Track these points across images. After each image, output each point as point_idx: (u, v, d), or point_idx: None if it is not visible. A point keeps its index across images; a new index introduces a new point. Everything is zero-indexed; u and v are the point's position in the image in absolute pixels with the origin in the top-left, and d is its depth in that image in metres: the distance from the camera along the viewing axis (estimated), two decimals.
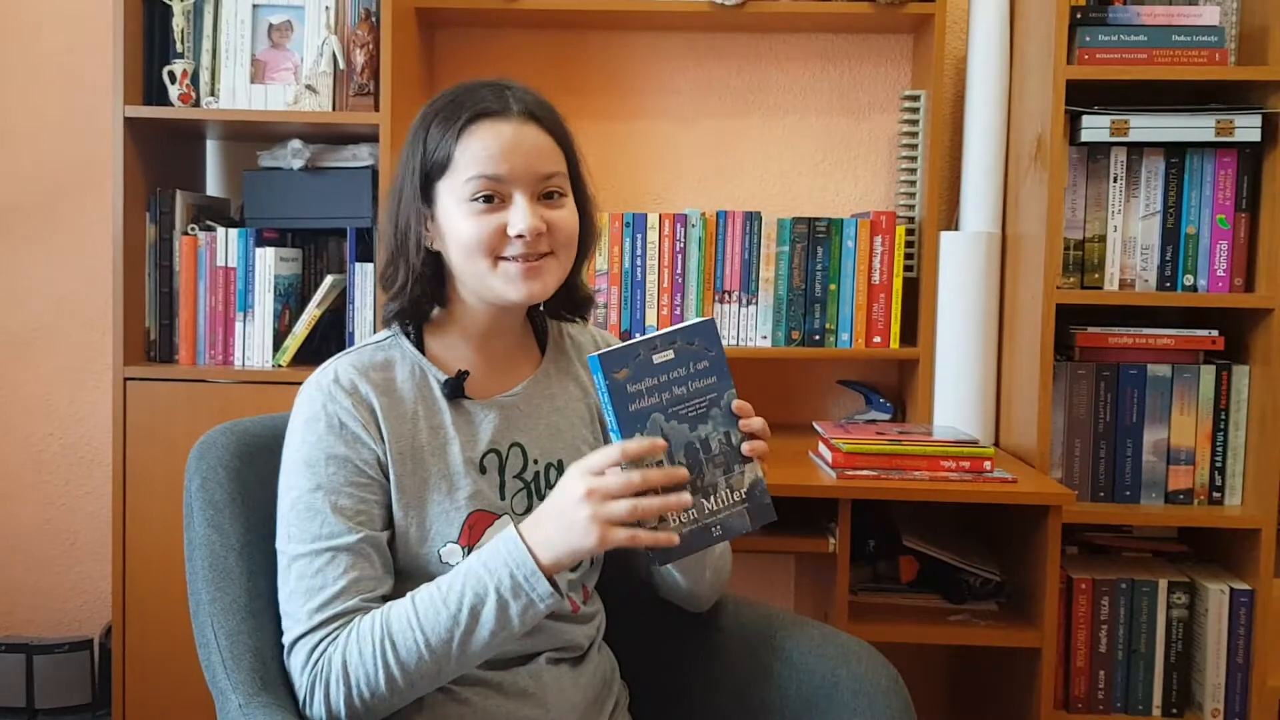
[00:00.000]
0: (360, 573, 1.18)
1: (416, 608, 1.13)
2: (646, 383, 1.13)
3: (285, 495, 1.22)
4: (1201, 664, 2.04)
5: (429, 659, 1.12)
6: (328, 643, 1.15)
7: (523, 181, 1.23)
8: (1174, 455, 2.07)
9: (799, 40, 2.44)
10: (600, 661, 1.39)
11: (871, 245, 2.22)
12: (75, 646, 2.37)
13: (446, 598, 1.12)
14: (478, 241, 1.21)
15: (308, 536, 1.18)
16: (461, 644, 1.12)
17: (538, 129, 1.25)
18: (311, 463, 1.20)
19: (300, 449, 1.22)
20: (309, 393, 1.24)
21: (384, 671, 1.12)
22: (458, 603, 1.11)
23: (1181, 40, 2.01)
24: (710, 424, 1.16)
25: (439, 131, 1.23)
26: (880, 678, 1.37)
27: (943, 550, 2.03)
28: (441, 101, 1.27)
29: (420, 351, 1.30)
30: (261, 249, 2.14)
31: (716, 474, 1.16)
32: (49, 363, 2.49)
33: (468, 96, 1.25)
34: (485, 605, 1.11)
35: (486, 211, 1.21)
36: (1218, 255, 2.05)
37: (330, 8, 2.13)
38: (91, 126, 2.43)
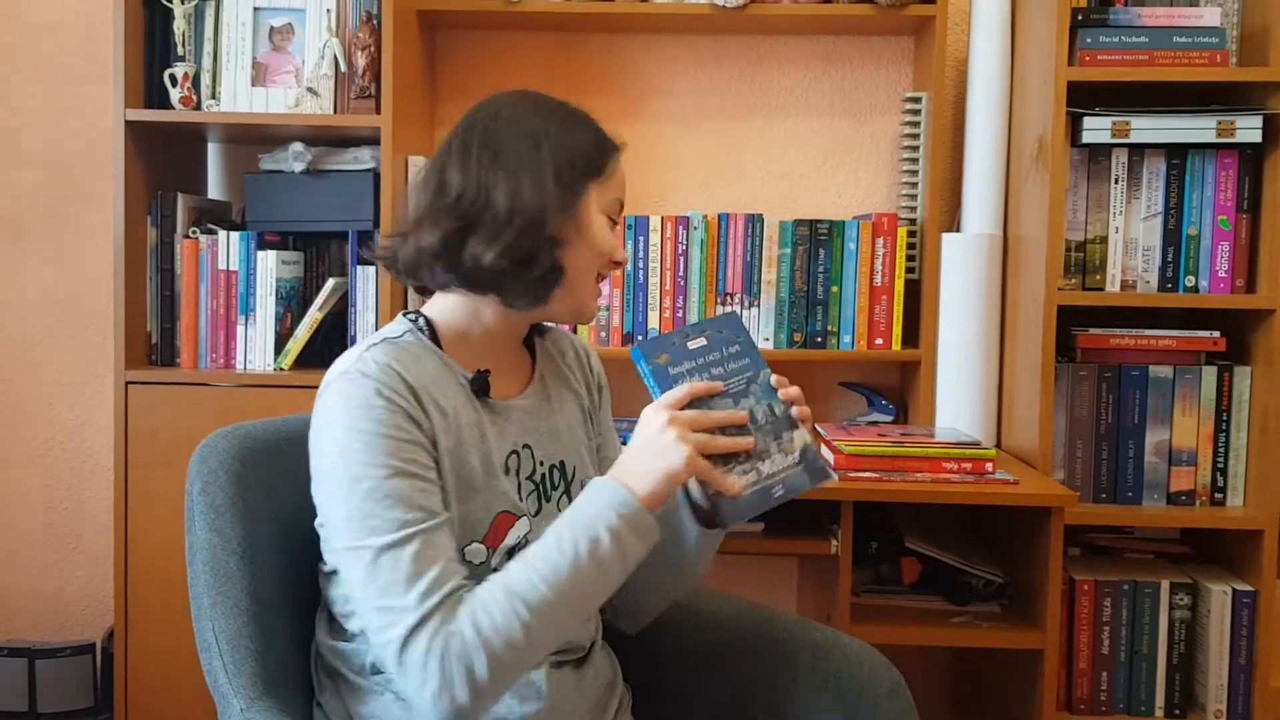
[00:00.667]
0: (453, 552, 1.15)
1: (533, 566, 1.11)
2: (686, 365, 1.23)
3: (354, 488, 1.13)
4: (1204, 665, 2.04)
5: (559, 611, 1.11)
6: (448, 623, 1.09)
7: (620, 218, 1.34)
8: (1176, 456, 2.07)
9: (800, 42, 2.44)
10: (603, 663, 1.39)
11: (873, 247, 2.22)
12: (77, 650, 2.36)
13: (561, 550, 1.12)
14: (603, 250, 1.27)
15: (394, 525, 1.12)
16: (590, 589, 1.13)
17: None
18: (378, 449, 1.14)
19: (360, 437, 1.14)
20: (354, 382, 1.17)
21: (521, 631, 1.09)
22: (574, 552, 1.11)
23: (1182, 41, 2.01)
24: (752, 398, 1.23)
25: (598, 140, 1.28)
26: (883, 680, 1.37)
27: (945, 552, 2.03)
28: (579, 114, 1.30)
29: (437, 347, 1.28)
30: (263, 252, 2.14)
31: (768, 441, 1.21)
32: (50, 366, 2.49)
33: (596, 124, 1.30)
34: (601, 548, 1.11)
35: (610, 229, 1.29)
36: (1219, 256, 2.05)
37: (331, 10, 2.13)
38: (93, 130, 2.43)
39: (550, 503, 1.32)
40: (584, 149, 1.25)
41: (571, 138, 1.25)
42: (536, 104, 1.28)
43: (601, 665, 1.38)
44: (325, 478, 1.17)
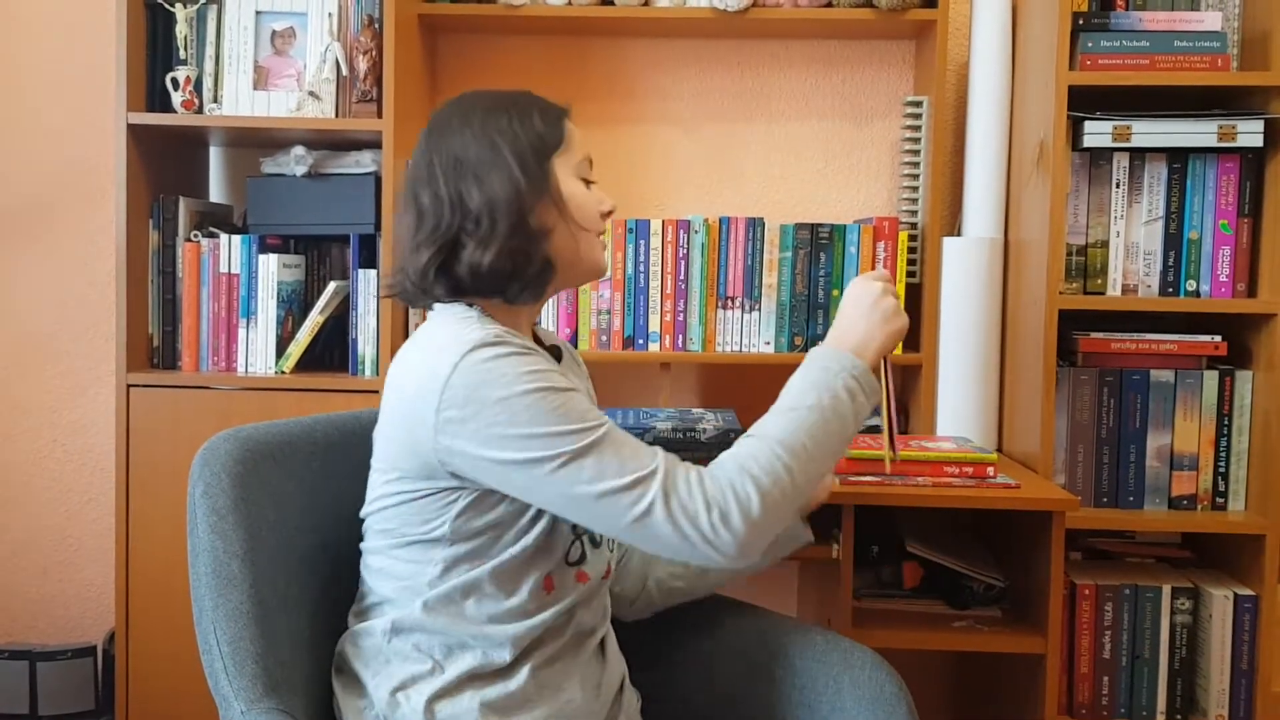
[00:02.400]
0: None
1: (780, 423, 1.22)
2: None
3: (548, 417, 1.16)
4: (1206, 670, 2.03)
5: (815, 456, 1.21)
6: (696, 468, 1.19)
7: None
8: (1177, 461, 2.07)
9: (801, 46, 2.44)
10: (618, 664, 1.42)
11: (874, 251, 2.22)
12: (79, 653, 2.36)
13: (807, 404, 1.23)
14: (591, 211, 1.33)
15: (599, 420, 1.19)
16: (835, 441, 1.23)
17: None
18: (549, 380, 1.18)
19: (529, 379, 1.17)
20: (485, 350, 1.18)
21: (784, 470, 1.18)
22: (818, 405, 1.22)
23: (1184, 46, 2.01)
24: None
25: (548, 116, 1.32)
26: (884, 684, 1.37)
27: (946, 556, 2.03)
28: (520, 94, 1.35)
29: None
30: (264, 255, 2.14)
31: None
32: (52, 369, 2.49)
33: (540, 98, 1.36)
34: (842, 403, 1.23)
35: (588, 189, 1.35)
36: (1220, 261, 2.05)
37: (333, 14, 2.14)
38: (94, 133, 2.43)
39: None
40: (537, 130, 1.30)
41: (523, 124, 1.29)
42: (478, 105, 1.33)
43: (615, 663, 1.41)
44: (505, 427, 1.16)
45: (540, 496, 1.19)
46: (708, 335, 2.23)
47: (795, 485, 1.19)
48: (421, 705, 1.24)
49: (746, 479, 1.17)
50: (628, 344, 2.24)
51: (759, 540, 1.17)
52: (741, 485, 1.16)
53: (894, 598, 2.05)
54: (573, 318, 2.23)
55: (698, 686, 1.49)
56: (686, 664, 1.52)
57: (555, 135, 1.31)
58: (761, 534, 1.17)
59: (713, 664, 1.49)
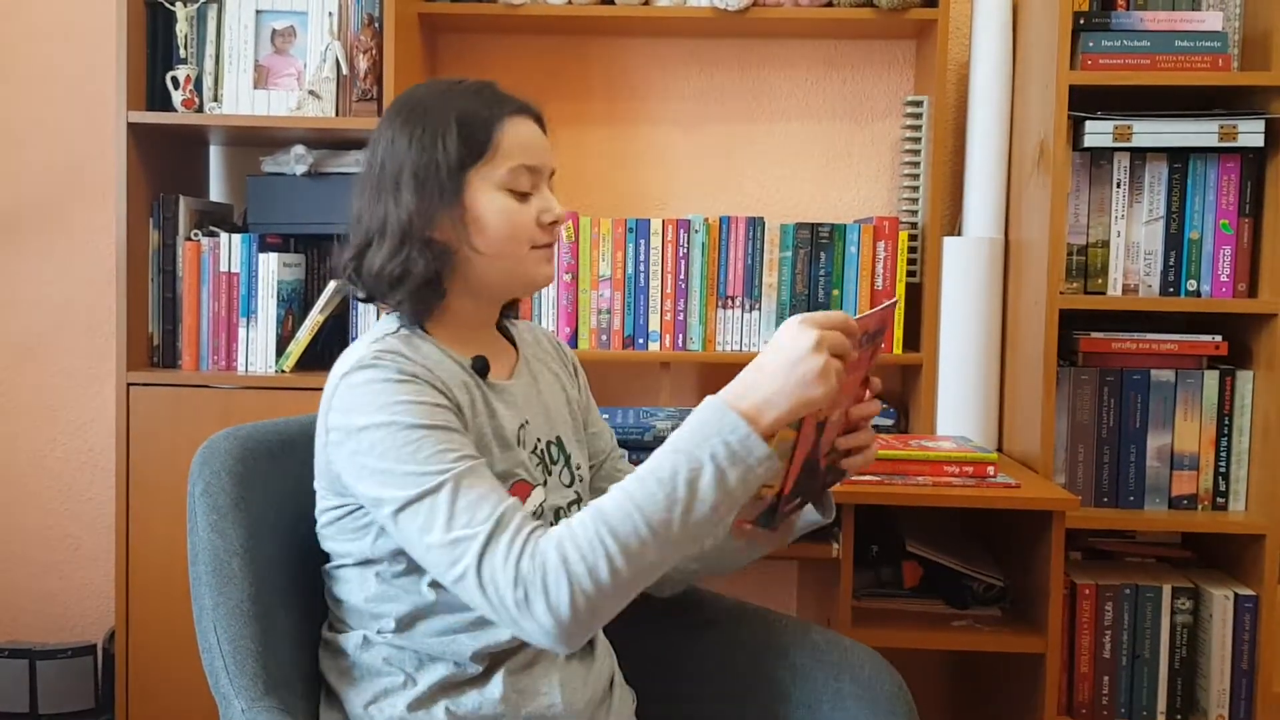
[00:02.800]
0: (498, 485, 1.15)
1: (629, 492, 1.08)
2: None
3: (400, 451, 1.13)
4: (1206, 670, 2.03)
5: (651, 541, 1.06)
6: (531, 538, 1.08)
7: (546, 175, 1.31)
8: (1178, 461, 2.07)
9: (802, 46, 2.44)
10: (606, 660, 1.40)
11: (874, 251, 2.22)
12: (78, 652, 2.36)
13: (659, 478, 1.07)
14: (519, 228, 1.26)
15: (445, 466, 1.12)
16: (682, 520, 1.06)
17: (543, 129, 1.34)
18: (415, 413, 1.15)
19: (395, 409, 1.15)
20: (372, 369, 1.18)
21: (606, 561, 1.06)
22: (672, 479, 1.06)
23: (1185, 46, 2.01)
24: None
25: (473, 123, 1.25)
26: (884, 684, 1.37)
27: (946, 555, 2.03)
28: (452, 96, 1.28)
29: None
30: (264, 255, 2.14)
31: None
32: (52, 368, 2.49)
33: (493, 95, 1.29)
34: (703, 477, 1.06)
35: (522, 201, 1.27)
36: (1221, 260, 2.05)
37: (334, 13, 2.13)
38: (94, 132, 2.43)
39: (554, 475, 1.35)
40: (449, 142, 1.24)
41: (433, 136, 1.25)
42: (405, 107, 1.29)
43: (603, 660, 1.39)
44: (363, 457, 1.16)
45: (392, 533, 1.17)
46: (708, 335, 2.23)
47: (619, 583, 1.07)
48: (395, 718, 1.23)
49: (561, 571, 1.06)
50: (628, 343, 2.24)
51: (578, 631, 1.08)
52: (555, 576, 1.06)
53: (894, 597, 2.05)
54: (573, 317, 2.23)
55: (696, 686, 1.49)
56: (685, 664, 1.51)
57: (475, 147, 1.24)
58: (579, 628, 1.07)
59: (711, 664, 1.48)
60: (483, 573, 1.08)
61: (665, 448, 1.10)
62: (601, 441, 1.51)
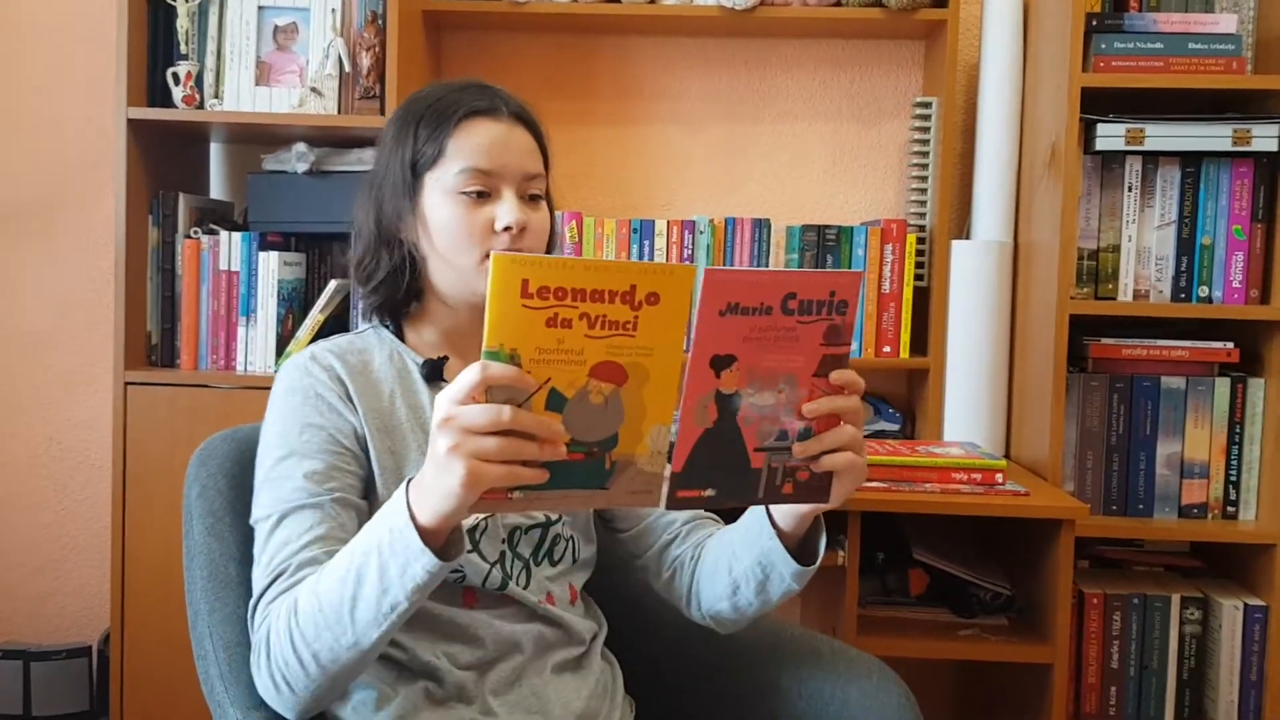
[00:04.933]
0: (326, 529, 1.14)
1: (323, 570, 1.06)
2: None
3: (259, 469, 1.21)
4: (1215, 681, 2.01)
5: (324, 627, 1.04)
6: (282, 600, 1.10)
7: (511, 179, 1.25)
8: (1188, 469, 2.05)
9: (809, 46, 2.41)
10: (603, 671, 1.36)
11: (882, 253, 2.19)
12: (73, 653, 2.34)
13: (344, 558, 1.04)
14: (466, 234, 1.23)
15: (277, 501, 1.16)
16: (351, 610, 1.02)
17: (525, 131, 1.29)
18: (285, 434, 1.20)
19: (275, 423, 1.21)
20: (285, 371, 1.25)
21: (289, 642, 1.06)
22: (348, 563, 1.03)
23: (1198, 48, 1.99)
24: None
25: (430, 125, 1.25)
26: (891, 694, 1.35)
27: (952, 563, 2.01)
28: (429, 98, 1.28)
29: (400, 341, 1.32)
30: (265, 253, 2.12)
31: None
32: (50, 366, 2.47)
33: (458, 95, 1.27)
34: (369, 565, 1.00)
35: (474, 205, 1.23)
36: (1233, 266, 2.03)
37: (336, 10, 2.11)
38: (94, 128, 2.41)
39: None
40: (421, 144, 1.25)
41: (401, 138, 1.27)
42: (398, 115, 1.30)
43: (601, 673, 1.35)
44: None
45: None
46: None
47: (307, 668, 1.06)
48: None
49: (264, 659, 1.09)
50: None
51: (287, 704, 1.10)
52: (260, 663, 1.10)
53: (900, 605, 2.03)
54: None
55: (698, 695, 1.47)
56: (688, 673, 1.49)
57: (433, 152, 1.24)
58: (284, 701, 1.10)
59: (715, 673, 1.46)
60: (252, 621, 1.13)
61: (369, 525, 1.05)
62: None
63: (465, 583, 1.23)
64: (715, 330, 1.00)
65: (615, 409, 0.96)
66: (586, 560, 1.37)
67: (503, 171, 1.24)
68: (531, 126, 1.30)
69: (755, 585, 1.23)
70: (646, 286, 0.93)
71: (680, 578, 1.35)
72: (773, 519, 1.19)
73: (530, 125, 1.30)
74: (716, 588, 1.28)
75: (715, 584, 1.28)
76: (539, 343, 0.91)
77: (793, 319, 1.02)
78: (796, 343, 1.04)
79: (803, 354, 1.04)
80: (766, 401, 1.06)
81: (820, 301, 1.03)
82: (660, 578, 1.38)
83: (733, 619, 1.30)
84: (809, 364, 1.05)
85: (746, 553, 1.22)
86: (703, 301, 0.98)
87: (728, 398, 1.04)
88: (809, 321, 1.03)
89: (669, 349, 0.96)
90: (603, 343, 0.93)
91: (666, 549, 1.37)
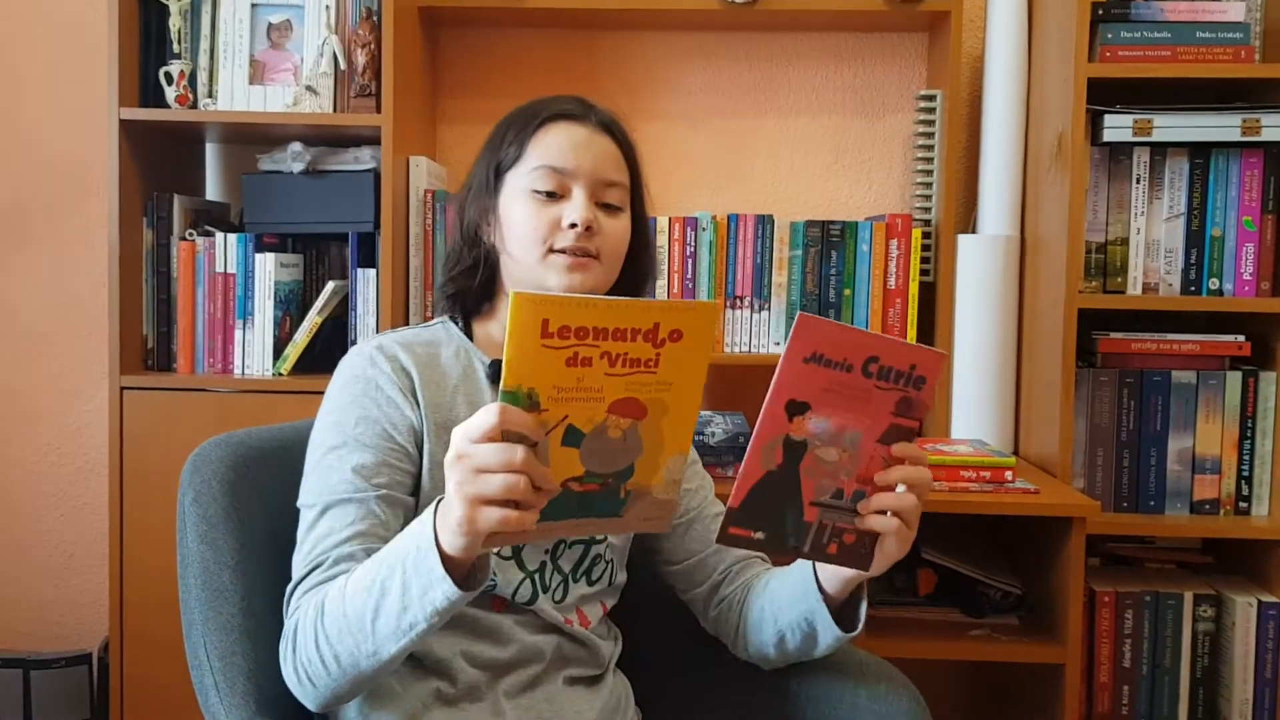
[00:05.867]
0: (367, 526, 1.14)
1: (354, 573, 1.06)
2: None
3: (310, 454, 1.21)
4: (1229, 679, 1.98)
5: (347, 632, 1.04)
6: (316, 591, 1.10)
7: (585, 180, 1.27)
8: (1199, 464, 2.02)
9: (812, 39, 2.39)
10: (615, 685, 1.37)
11: (887, 249, 2.17)
12: (73, 661, 2.32)
13: (373, 566, 1.04)
14: (534, 228, 1.25)
15: (324, 490, 1.16)
16: (373, 620, 1.02)
17: (610, 140, 1.31)
18: (341, 423, 1.20)
19: (332, 411, 1.21)
20: (350, 359, 1.25)
21: (314, 639, 1.07)
22: (375, 572, 1.02)
23: (1206, 37, 1.96)
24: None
25: (517, 128, 1.30)
26: (901, 699, 1.33)
27: (961, 563, 1.98)
28: (525, 105, 1.33)
29: (468, 338, 1.33)
30: (261, 255, 2.09)
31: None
32: (44, 371, 2.44)
33: (550, 101, 1.32)
34: (393, 579, 1.00)
35: (546, 203, 1.26)
36: (1244, 258, 2.00)
37: (331, 7, 2.09)
38: (86, 129, 2.38)
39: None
40: (507, 145, 1.29)
41: (494, 140, 1.32)
42: (497, 125, 1.34)
43: (614, 687, 1.36)
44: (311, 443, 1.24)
45: None
46: (716, 335, 2.18)
47: (330, 670, 1.06)
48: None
49: (289, 653, 1.11)
50: None
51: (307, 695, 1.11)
52: (286, 655, 1.12)
53: (908, 605, 2.01)
54: None
55: (707, 703, 1.45)
56: (693, 677, 1.48)
57: (516, 152, 1.28)
58: (305, 692, 1.11)
59: (721, 679, 1.44)
60: (286, 607, 1.15)
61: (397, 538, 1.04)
62: (693, 500, 1.42)
63: (495, 591, 1.23)
64: (797, 376, 1.03)
65: (634, 442, 0.96)
66: (619, 586, 1.38)
67: (576, 172, 1.26)
68: (619, 138, 1.33)
69: (801, 638, 1.26)
70: (670, 324, 0.92)
71: (728, 617, 1.36)
72: (819, 580, 1.21)
73: (617, 136, 1.32)
74: (763, 635, 1.30)
75: (762, 632, 1.30)
76: (557, 381, 0.90)
77: (871, 382, 1.04)
78: (869, 405, 1.05)
79: (873, 418, 1.06)
80: (830, 457, 1.08)
81: (900, 372, 1.05)
82: (708, 615, 1.39)
83: (779, 662, 1.34)
84: (876, 429, 1.07)
85: (792, 609, 1.25)
86: (790, 345, 1.02)
87: (796, 444, 1.06)
88: (885, 388, 1.05)
89: (689, 382, 0.96)
90: (623, 380, 0.92)
91: (716, 588, 1.38)
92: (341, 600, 1.05)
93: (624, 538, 1.37)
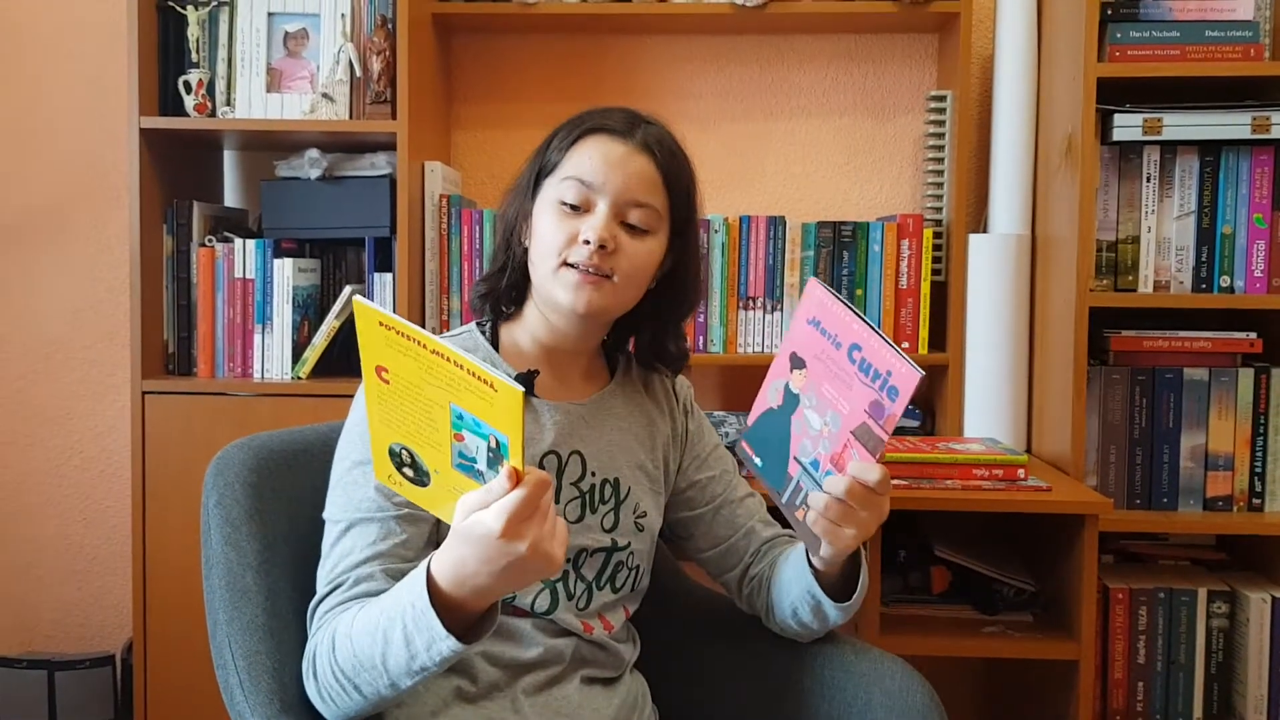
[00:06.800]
0: (387, 546, 1.16)
1: (359, 615, 1.08)
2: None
3: (336, 466, 1.23)
4: (1243, 675, 1.98)
5: (361, 669, 1.06)
6: (334, 612, 1.13)
7: (611, 196, 1.24)
8: (1212, 461, 2.02)
9: (822, 41, 2.40)
10: (632, 684, 1.38)
11: (898, 249, 2.18)
12: (97, 663, 2.34)
13: (375, 612, 1.06)
14: (553, 239, 1.24)
15: (348, 506, 1.18)
16: (383, 660, 1.04)
17: (649, 160, 1.26)
18: (365, 437, 1.18)
19: (359, 424, 1.21)
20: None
21: (331, 671, 1.10)
22: (377, 619, 1.05)
23: (1215, 36, 1.97)
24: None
25: (562, 136, 1.29)
26: (915, 695, 1.33)
27: (975, 560, 1.99)
28: (578, 114, 1.31)
29: (494, 348, 1.32)
30: (279, 260, 2.12)
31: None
32: (67, 376, 2.47)
33: (600, 113, 1.29)
34: (394, 629, 1.03)
35: (569, 215, 1.24)
36: (1255, 255, 2.00)
37: (346, 15, 2.11)
38: (107, 138, 2.41)
39: (594, 515, 1.31)
40: (549, 153, 1.29)
41: (546, 147, 1.30)
42: (559, 125, 1.32)
43: (631, 686, 1.37)
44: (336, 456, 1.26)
45: None
46: (729, 336, 2.20)
47: (350, 696, 1.09)
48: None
49: (312, 674, 1.13)
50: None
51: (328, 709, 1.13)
52: (308, 675, 1.14)
53: (922, 603, 2.02)
54: None
55: (720, 698, 1.46)
56: (709, 676, 1.48)
57: (556, 158, 1.27)
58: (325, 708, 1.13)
59: (737, 676, 1.45)
60: (309, 625, 1.17)
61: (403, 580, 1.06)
62: (717, 487, 1.44)
63: (514, 601, 1.24)
64: (802, 334, 1.15)
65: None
66: (642, 590, 1.39)
67: (603, 188, 1.23)
68: (662, 161, 1.27)
69: (810, 611, 1.31)
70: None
71: (760, 595, 1.40)
72: (809, 556, 1.26)
73: (660, 159, 1.27)
74: (784, 610, 1.35)
75: (782, 607, 1.35)
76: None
77: (853, 368, 1.09)
78: (850, 392, 1.10)
79: (851, 405, 1.10)
80: (814, 423, 1.14)
81: (878, 372, 1.07)
82: (741, 595, 1.43)
83: (804, 635, 1.38)
84: (852, 419, 1.11)
85: (797, 584, 1.30)
86: (800, 304, 1.15)
87: (792, 395, 1.15)
88: (864, 383, 1.09)
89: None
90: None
91: (747, 570, 1.41)
92: (349, 641, 1.07)
93: (648, 543, 1.37)
